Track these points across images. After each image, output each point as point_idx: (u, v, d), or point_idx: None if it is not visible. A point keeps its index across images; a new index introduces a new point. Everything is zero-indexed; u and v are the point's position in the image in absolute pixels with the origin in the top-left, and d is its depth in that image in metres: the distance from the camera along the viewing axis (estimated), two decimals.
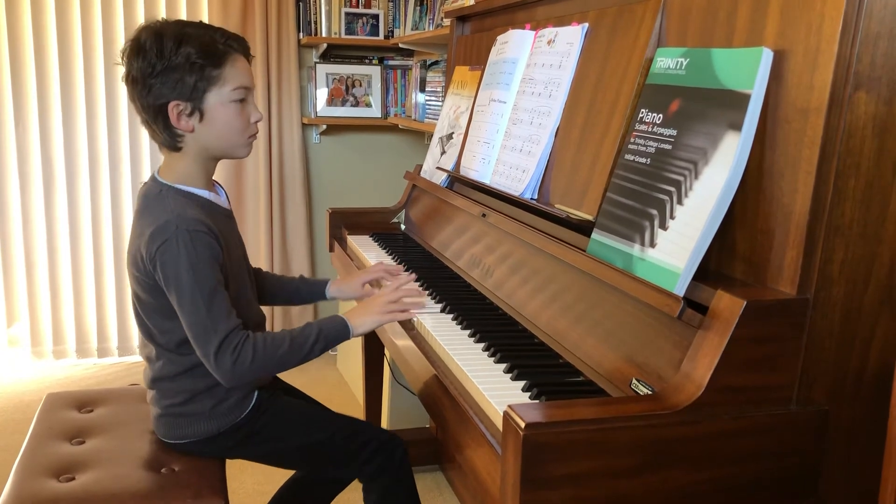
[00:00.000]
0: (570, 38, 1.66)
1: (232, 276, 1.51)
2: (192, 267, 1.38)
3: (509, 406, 1.02)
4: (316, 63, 3.64)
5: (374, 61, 3.72)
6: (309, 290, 1.85)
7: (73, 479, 1.48)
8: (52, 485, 1.46)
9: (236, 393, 1.55)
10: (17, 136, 3.35)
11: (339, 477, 1.76)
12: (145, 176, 3.51)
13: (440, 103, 2.93)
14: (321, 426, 1.63)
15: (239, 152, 1.54)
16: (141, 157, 3.50)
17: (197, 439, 1.55)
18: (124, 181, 3.50)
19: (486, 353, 1.40)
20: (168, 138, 1.47)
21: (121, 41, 3.36)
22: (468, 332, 1.51)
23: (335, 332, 1.52)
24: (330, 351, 3.76)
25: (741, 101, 1.12)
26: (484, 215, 1.83)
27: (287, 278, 1.87)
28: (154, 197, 1.49)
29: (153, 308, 1.49)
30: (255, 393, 1.58)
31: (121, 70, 1.48)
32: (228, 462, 1.63)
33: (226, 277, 1.46)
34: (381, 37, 3.63)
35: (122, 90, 3.40)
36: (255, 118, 1.52)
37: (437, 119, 2.60)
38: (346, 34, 3.57)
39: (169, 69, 1.40)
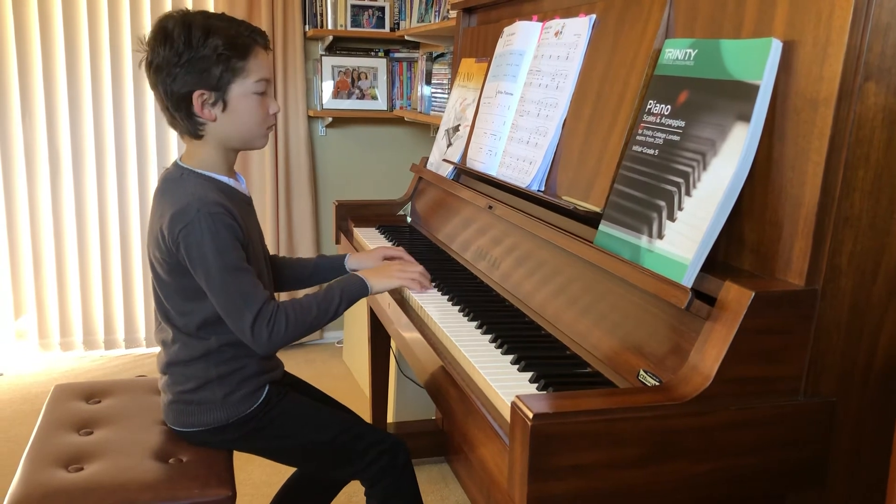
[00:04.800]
0: (577, 30, 1.66)
1: (252, 262, 1.53)
2: (216, 247, 1.43)
3: (517, 397, 1.02)
4: (322, 55, 3.64)
5: (379, 54, 3.71)
6: (328, 266, 1.88)
7: (82, 469, 1.49)
8: (60, 475, 1.47)
9: (248, 385, 1.57)
10: (23, 129, 3.35)
11: (342, 477, 1.77)
12: (153, 169, 3.52)
13: (446, 96, 2.93)
14: (326, 426, 1.64)
15: (257, 143, 1.58)
16: (147, 149, 3.51)
17: (206, 428, 1.56)
18: (131, 173, 3.51)
19: (493, 344, 1.40)
20: (189, 126, 1.51)
21: (127, 32, 3.37)
22: (475, 323, 1.51)
23: (356, 291, 1.60)
24: (336, 343, 3.79)
25: (750, 92, 1.12)
26: (490, 207, 1.83)
27: (305, 259, 1.91)
28: (175, 180, 1.52)
29: (174, 289, 1.52)
30: (266, 387, 1.59)
31: (127, 63, 1.51)
32: (236, 453, 1.64)
33: (247, 261, 1.50)
34: (387, 29, 3.62)
35: (129, 83, 3.41)
36: (273, 109, 1.56)
37: (442, 111, 2.60)
38: (351, 26, 3.57)
39: (196, 59, 1.43)
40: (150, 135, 3.50)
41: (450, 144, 2.27)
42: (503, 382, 1.23)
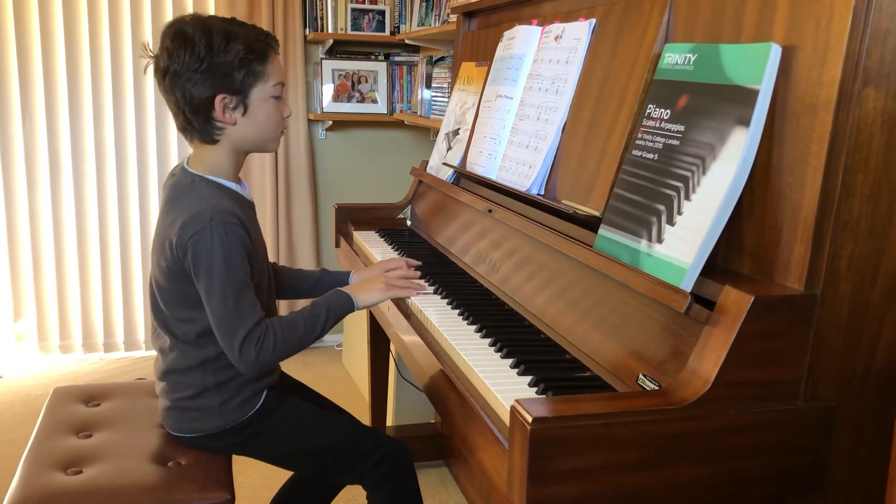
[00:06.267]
0: (577, 34, 1.66)
1: (255, 270, 1.53)
2: (224, 259, 1.42)
3: (516, 401, 1.02)
4: (322, 59, 3.64)
5: (379, 57, 3.72)
6: (331, 282, 1.86)
7: (81, 472, 1.49)
8: (59, 478, 1.47)
9: (245, 391, 1.56)
10: (23, 132, 3.35)
11: (343, 482, 1.76)
12: (153, 171, 3.52)
13: (446, 99, 2.93)
14: (326, 431, 1.63)
15: (271, 146, 1.59)
16: (147, 152, 3.51)
17: (204, 434, 1.56)
18: (131, 176, 3.51)
19: (493, 348, 1.40)
20: (205, 131, 1.50)
21: (128, 35, 3.37)
22: (474, 327, 1.51)
23: (342, 308, 1.60)
24: (335, 346, 3.79)
25: (749, 96, 1.12)
26: (490, 211, 1.83)
27: (308, 271, 1.90)
28: (186, 186, 1.51)
29: (174, 297, 1.51)
30: (264, 393, 1.59)
31: (128, 66, 1.51)
32: (235, 456, 1.63)
33: (251, 271, 1.49)
34: (387, 33, 3.63)
35: (130, 85, 3.41)
36: (287, 113, 1.57)
37: (442, 115, 2.60)
38: (352, 30, 3.57)
39: (218, 64, 1.44)
40: (150, 137, 3.50)
41: (450, 148, 2.27)
42: (502, 386, 1.23)
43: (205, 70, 1.43)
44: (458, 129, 2.24)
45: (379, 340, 2.59)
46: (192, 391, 1.55)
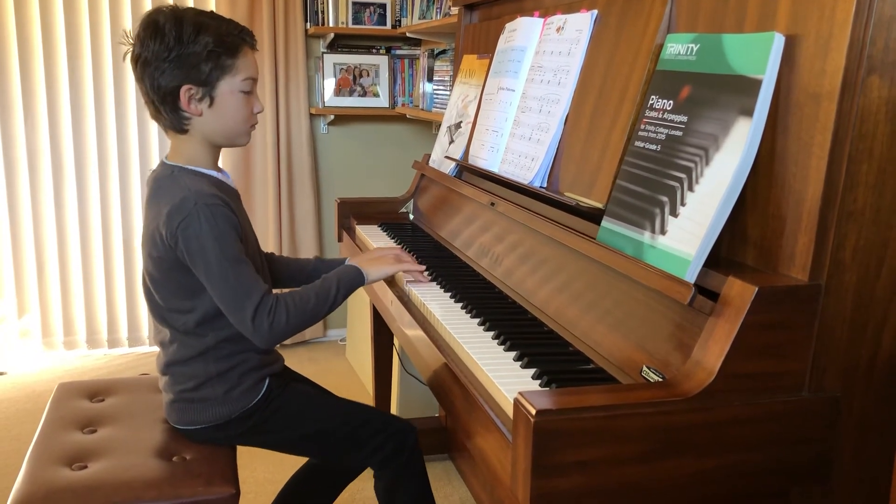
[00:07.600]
0: (579, 26, 1.65)
1: (248, 256, 1.53)
2: (216, 239, 1.43)
3: (520, 393, 1.02)
4: (323, 53, 3.63)
5: (381, 51, 3.71)
6: (327, 268, 1.86)
7: (86, 467, 1.49)
8: (64, 473, 1.47)
9: (247, 379, 1.57)
10: (26, 130, 3.35)
11: (350, 464, 1.77)
12: (155, 167, 3.52)
13: (448, 92, 2.92)
14: (332, 414, 1.64)
15: (240, 140, 1.59)
16: (149, 148, 3.51)
17: (208, 425, 1.57)
18: (133, 172, 3.51)
19: (496, 341, 1.40)
20: (174, 120, 1.52)
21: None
22: (478, 320, 1.51)
23: (353, 280, 1.62)
24: (339, 341, 3.79)
25: (752, 86, 1.11)
26: (493, 204, 1.82)
27: (304, 260, 1.91)
28: (167, 178, 1.53)
29: (169, 289, 1.52)
30: (267, 380, 1.60)
31: (129, 63, 1.51)
32: (240, 451, 1.64)
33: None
34: (389, 26, 3.62)
35: (131, 83, 3.40)
36: (257, 109, 1.58)
37: (444, 108, 2.59)
38: (353, 24, 3.56)
39: (186, 54, 1.45)
40: (153, 134, 3.49)
41: (452, 141, 2.27)
42: (506, 379, 1.23)
43: (172, 59, 1.44)
44: (461, 122, 2.24)
45: (382, 335, 2.59)
46: (195, 382, 1.55)
